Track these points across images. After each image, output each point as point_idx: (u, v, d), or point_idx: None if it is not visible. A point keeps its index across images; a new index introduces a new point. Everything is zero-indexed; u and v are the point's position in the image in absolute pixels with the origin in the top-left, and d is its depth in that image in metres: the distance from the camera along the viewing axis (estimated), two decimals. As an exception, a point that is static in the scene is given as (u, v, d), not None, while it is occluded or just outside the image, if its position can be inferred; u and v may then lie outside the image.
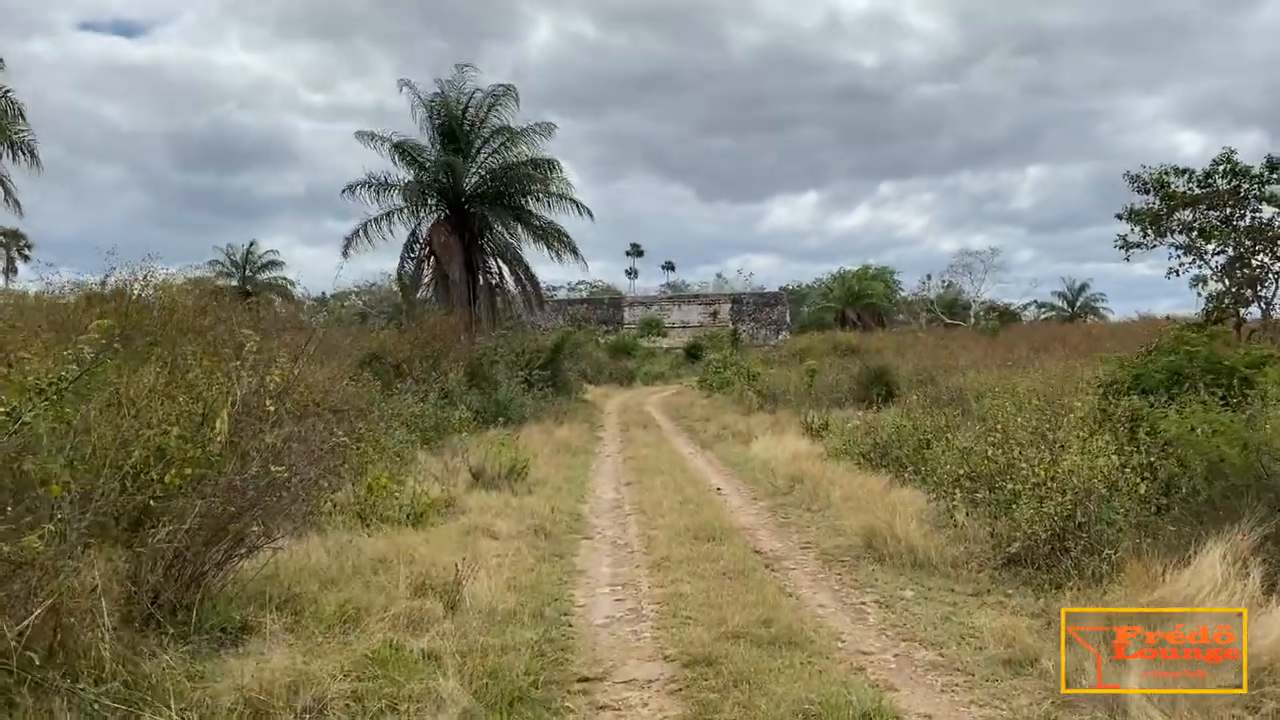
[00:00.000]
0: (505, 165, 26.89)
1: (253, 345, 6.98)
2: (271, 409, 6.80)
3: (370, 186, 26.48)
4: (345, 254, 26.90)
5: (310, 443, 8.65)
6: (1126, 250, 20.17)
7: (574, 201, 27.06)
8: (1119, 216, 19.74)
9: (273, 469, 6.30)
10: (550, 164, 26.73)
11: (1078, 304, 70.76)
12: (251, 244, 55.74)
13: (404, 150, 26.36)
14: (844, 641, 5.82)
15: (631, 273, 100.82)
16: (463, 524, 9.05)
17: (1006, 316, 52.89)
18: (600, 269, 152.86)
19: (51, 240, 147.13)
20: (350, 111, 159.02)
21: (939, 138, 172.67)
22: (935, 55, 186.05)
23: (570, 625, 6.26)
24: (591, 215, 27.51)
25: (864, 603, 6.73)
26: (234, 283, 53.98)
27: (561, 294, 77.24)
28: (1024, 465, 7.81)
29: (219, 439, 6.42)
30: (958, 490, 8.83)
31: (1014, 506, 7.60)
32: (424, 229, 27.52)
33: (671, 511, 10.26)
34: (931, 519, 8.76)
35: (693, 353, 51.79)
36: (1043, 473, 7.42)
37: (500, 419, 19.08)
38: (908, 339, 39.44)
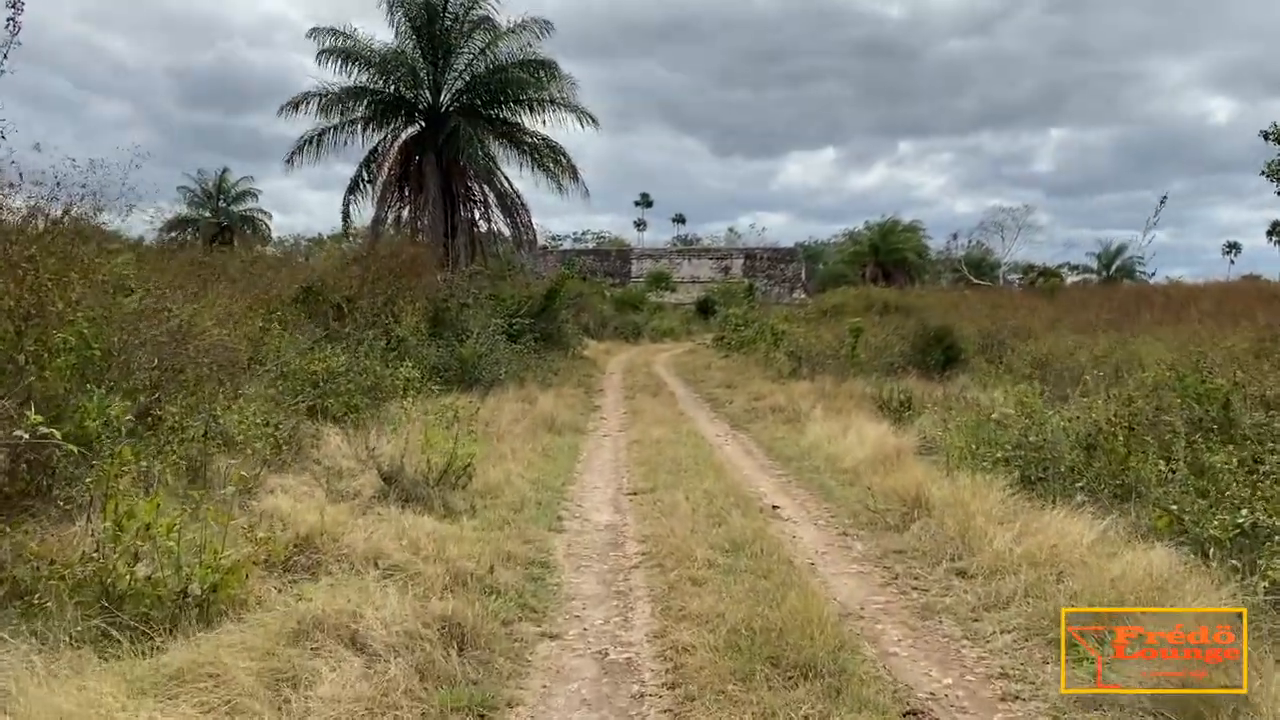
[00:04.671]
0: (491, 68, 21.73)
1: None
2: None
3: (321, 100, 21.57)
4: (290, 163, 22.04)
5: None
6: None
7: (577, 111, 21.90)
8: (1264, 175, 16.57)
9: None
10: (547, 66, 21.44)
11: (1114, 267, 66.04)
12: (224, 171, 50.51)
13: (354, 53, 21.25)
14: None
15: (640, 224, 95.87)
16: (299, 613, 4.44)
17: (1052, 277, 47.69)
18: (608, 222, 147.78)
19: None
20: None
21: (962, 97, 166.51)
22: (964, 9, 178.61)
23: None
24: (596, 123, 22.30)
25: None
26: (206, 214, 49.01)
27: (567, 245, 72.23)
28: None
29: None
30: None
31: None
32: (392, 148, 22.64)
33: (709, 568, 5.67)
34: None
35: (705, 308, 47.35)
36: None
37: (466, 381, 14.53)
38: (954, 297, 34.54)
